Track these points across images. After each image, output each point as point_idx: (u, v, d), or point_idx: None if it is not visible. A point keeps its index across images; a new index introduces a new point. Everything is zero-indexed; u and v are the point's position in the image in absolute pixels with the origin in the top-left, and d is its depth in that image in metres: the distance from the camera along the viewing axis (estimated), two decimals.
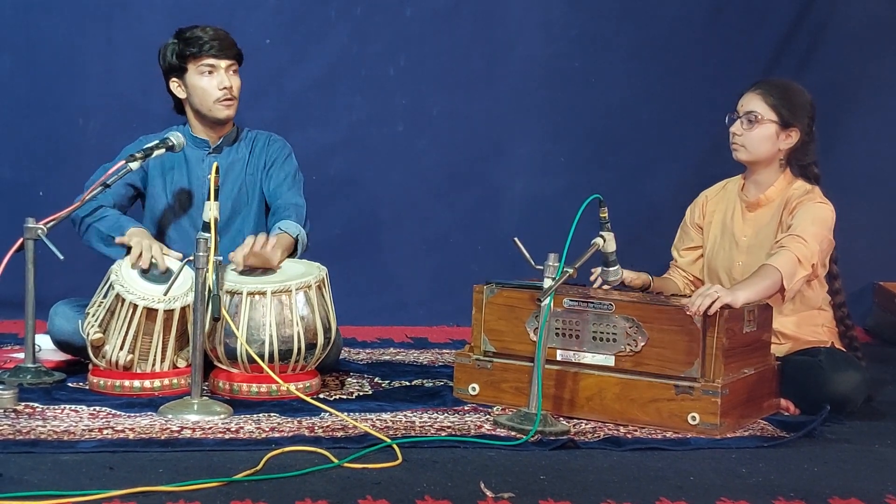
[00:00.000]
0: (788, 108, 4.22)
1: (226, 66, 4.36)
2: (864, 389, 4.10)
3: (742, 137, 4.24)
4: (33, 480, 3.07)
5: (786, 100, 4.23)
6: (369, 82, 5.76)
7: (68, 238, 4.26)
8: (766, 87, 4.26)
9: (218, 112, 4.38)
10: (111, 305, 4.04)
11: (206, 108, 4.39)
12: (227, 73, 4.36)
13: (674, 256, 4.53)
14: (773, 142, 4.24)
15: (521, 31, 5.87)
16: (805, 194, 4.22)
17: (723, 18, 5.97)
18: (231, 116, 4.41)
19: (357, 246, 5.77)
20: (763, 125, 4.22)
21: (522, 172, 5.92)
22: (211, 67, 4.34)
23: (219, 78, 4.35)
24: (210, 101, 4.36)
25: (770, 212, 4.28)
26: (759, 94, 4.25)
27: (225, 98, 4.36)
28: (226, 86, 4.35)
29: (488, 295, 4.12)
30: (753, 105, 4.23)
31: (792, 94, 4.27)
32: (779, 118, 4.21)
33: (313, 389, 4.12)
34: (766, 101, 4.22)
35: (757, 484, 3.32)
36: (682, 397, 3.80)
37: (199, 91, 4.37)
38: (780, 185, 4.29)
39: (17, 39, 5.48)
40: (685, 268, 4.49)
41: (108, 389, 4.03)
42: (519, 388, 4.00)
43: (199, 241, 3.80)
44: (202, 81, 4.36)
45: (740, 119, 4.25)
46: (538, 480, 3.27)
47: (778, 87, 4.27)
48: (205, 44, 4.33)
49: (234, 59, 4.38)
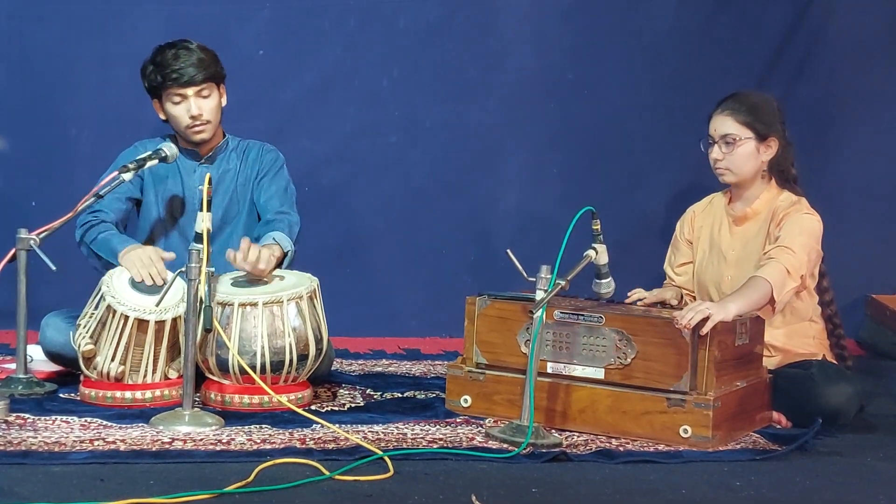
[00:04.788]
0: (761, 121, 4.23)
1: (194, 92, 4.34)
2: (857, 402, 4.10)
3: (725, 161, 4.25)
4: (24, 492, 3.07)
5: (755, 113, 4.23)
6: (362, 93, 5.76)
7: (61, 249, 4.25)
8: (732, 106, 4.26)
9: (191, 137, 4.41)
10: (102, 316, 4.04)
11: (181, 133, 4.43)
12: (197, 99, 4.35)
13: (668, 275, 4.53)
14: (755, 157, 4.25)
15: (514, 42, 5.87)
16: (792, 206, 4.22)
17: (716, 30, 5.97)
18: (206, 139, 4.42)
19: (349, 257, 5.76)
20: (742, 144, 4.23)
21: (515, 184, 5.92)
22: (179, 97, 4.35)
23: (186, 106, 4.35)
24: (181, 127, 4.39)
25: (757, 225, 4.29)
26: (728, 115, 4.24)
27: (195, 125, 4.37)
28: (193, 114, 4.35)
29: (481, 306, 4.12)
30: (727, 127, 4.24)
31: (759, 105, 4.28)
32: (755, 133, 4.22)
33: (305, 401, 4.12)
34: (737, 121, 4.23)
35: (749, 497, 3.32)
36: (674, 410, 3.80)
37: (172, 118, 4.41)
38: (766, 197, 4.30)
39: (10, 50, 5.47)
40: (683, 285, 4.48)
41: (100, 400, 4.02)
42: (511, 400, 3.99)
43: (191, 253, 3.81)
44: (173, 109, 4.38)
45: (717, 144, 4.25)
46: (530, 493, 3.27)
47: (744, 103, 4.27)
48: (169, 74, 4.32)
49: (203, 84, 4.35)
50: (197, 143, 4.43)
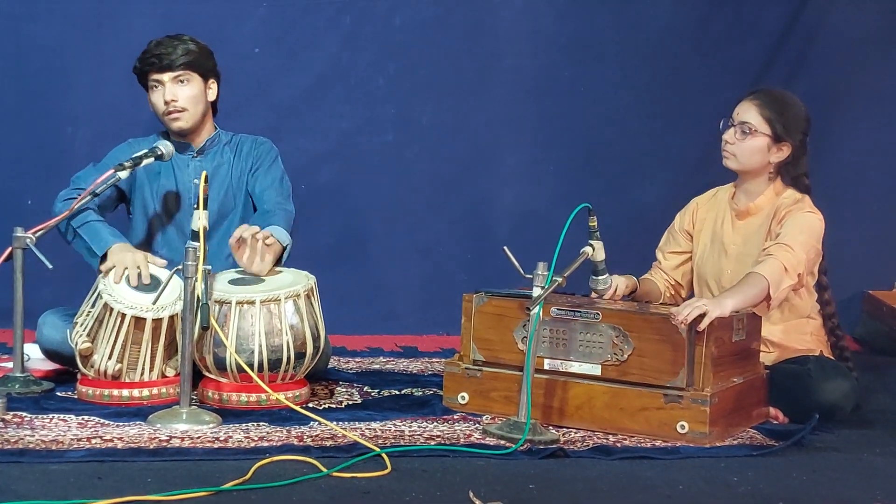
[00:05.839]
0: (783, 123, 4.20)
1: (170, 78, 4.33)
2: (853, 398, 4.11)
3: (734, 147, 4.24)
4: (21, 490, 3.06)
5: (782, 114, 4.21)
6: (359, 91, 5.76)
7: (57, 247, 4.25)
8: (763, 99, 4.24)
9: (168, 124, 4.39)
10: (99, 315, 4.03)
11: (162, 122, 4.41)
12: (173, 85, 4.33)
13: (658, 258, 4.52)
14: (763, 154, 4.24)
15: (511, 40, 5.88)
16: (794, 203, 4.22)
17: (712, 27, 5.98)
18: (183, 128, 4.39)
19: (347, 255, 5.77)
20: (756, 137, 4.21)
21: (512, 181, 5.92)
22: (156, 82, 4.35)
23: (162, 91, 4.34)
24: (160, 114, 4.38)
25: (759, 220, 4.29)
26: (756, 105, 4.23)
27: (169, 111, 4.35)
28: (167, 99, 4.33)
29: (478, 304, 4.12)
30: (749, 116, 4.23)
31: (789, 108, 4.25)
32: (772, 132, 4.21)
33: (302, 398, 4.12)
34: (761, 114, 4.21)
35: (746, 492, 3.32)
36: (671, 406, 3.80)
37: (152, 106, 4.40)
38: (770, 194, 4.29)
39: (5, 48, 5.48)
40: (668, 271, 4.48)
41: (97, 399, 4.02)
42: (508, 396, 3.99)
43: (188, 251, 3.80)
44: (152, 96, 4.38)
45: (734, 127, 4.24)
46: (527, 489, 3.27)
47: (776, 100, 4.25)
48: (149, 59, 4.33)
49: (181, 70, 4.33)
50: (176, 132, 4.40)
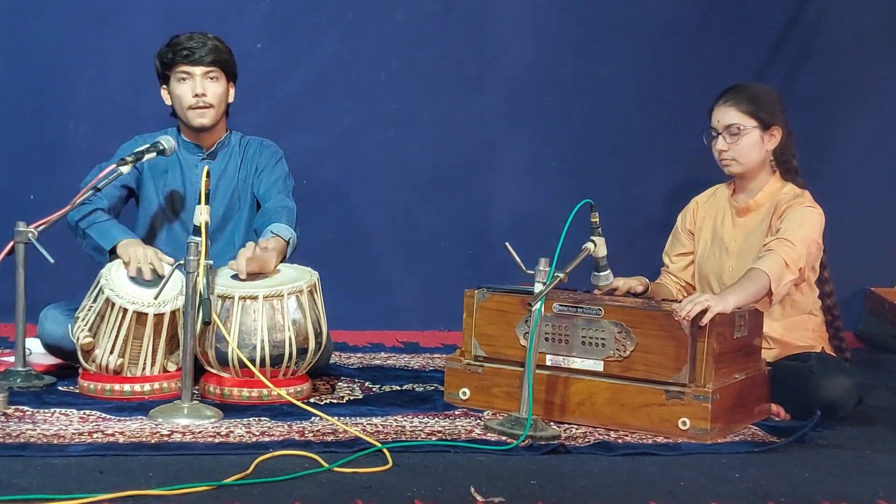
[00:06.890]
0: (764, 110, 4.24)
1: (201, 72, 4.32)
2: (855, 395, 4.10)
3: (730, 152, 4.25)
4: (23, 484, 3.07)
5: (758, 103, 4.25)
6: (360, 87, 5.76)
7: (59, 242, 4.26)
8: (734, 97, 4.27)
9: (191, 119, 4.36)
10: (101, 309, 4.03)
11: (183, 116, 4.38)
12: (203, 80, 4.33)
13: (665, 262, 4.54)
14: (759, 147, 4.25)
15: (512, 36, 5.87)
16: (794, 198, 4.22)
17: (714, 24, 5.98)
18: (206, 125, 4.38)
19: (348, 251, 5.76)
20: (747, 134, 4.23)
21: (513, 177, 5.92)
22: (186, 74, 4.32)
23: (191, 84, 4.33)
24: (184, 107, 4.35)
25: (759, 216, 4.29)
26: (731, 106, 4.25)
27: (197, 105, 4.34)
28: (197, 93, 4.32)
29: (479, 299, 4.12)
30: (730, 117, 4.24)
31: (760, 94, 4.30)
32: (759, 122, 4.23)
33: (304, 394, 4.12)
34: (740, 111, 4.23)
35: (747, 489, 3.32)
36: (672, 402, 3.80)
37: (176, 98, 4.37)
38: (770, 189, 4.30)
39: (8, 44, 5.47)
40: (677, 273, 4.49)
41: (99, 393, 4.02)
42: (510, 392, 4.00)
43: (190, 245, 3.80)
44: (178, 88, 4.35)
45: (721, 136, 4.26)
46: (529, 485, 3.27)
47: (745, 93, 4.28)
48: (181, 50, 4.31)
49: (212, 66, 4.33)
50: (197, 129, 4.39)
